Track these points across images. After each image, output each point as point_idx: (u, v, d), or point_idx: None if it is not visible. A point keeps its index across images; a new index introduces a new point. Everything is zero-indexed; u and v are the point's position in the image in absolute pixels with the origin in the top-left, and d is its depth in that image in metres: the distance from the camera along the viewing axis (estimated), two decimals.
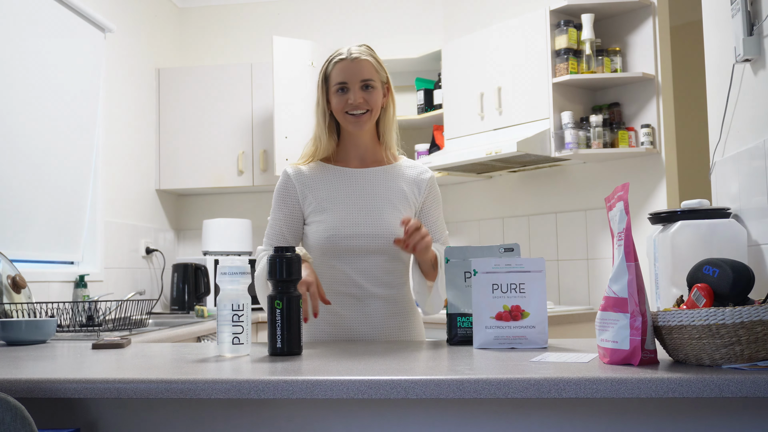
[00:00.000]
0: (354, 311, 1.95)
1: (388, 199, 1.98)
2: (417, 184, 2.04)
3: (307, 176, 2.02)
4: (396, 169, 2.05)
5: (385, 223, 1.95)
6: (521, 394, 1.18)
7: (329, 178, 2.01)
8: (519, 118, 3.66)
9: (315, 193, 1.99)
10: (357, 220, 1.95)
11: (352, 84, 1.94)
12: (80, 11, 3.54)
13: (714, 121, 2.11)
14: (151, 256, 4.35)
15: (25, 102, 3.13)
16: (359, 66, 1.95)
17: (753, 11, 1.81)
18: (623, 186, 1.37)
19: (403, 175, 2.04)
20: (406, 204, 2.00)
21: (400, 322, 2.00)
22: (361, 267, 1.95)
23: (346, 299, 1.95)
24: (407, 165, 2.08)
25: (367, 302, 1.96)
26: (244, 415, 1.42)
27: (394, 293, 1.99)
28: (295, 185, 2.01)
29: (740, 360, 1.22)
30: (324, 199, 1.98)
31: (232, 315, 1.56)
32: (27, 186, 3.14)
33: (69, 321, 2.71)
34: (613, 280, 1.33)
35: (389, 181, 2.02)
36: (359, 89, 1.94)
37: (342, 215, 1.95)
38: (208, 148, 4.43)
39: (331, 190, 1.99)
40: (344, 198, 1.98)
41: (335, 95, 1.96)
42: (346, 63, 1.95)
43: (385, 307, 1.97)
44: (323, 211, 1.97)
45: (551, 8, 3.54)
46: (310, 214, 2.00)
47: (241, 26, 4.82)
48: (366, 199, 1.98)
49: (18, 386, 1.27)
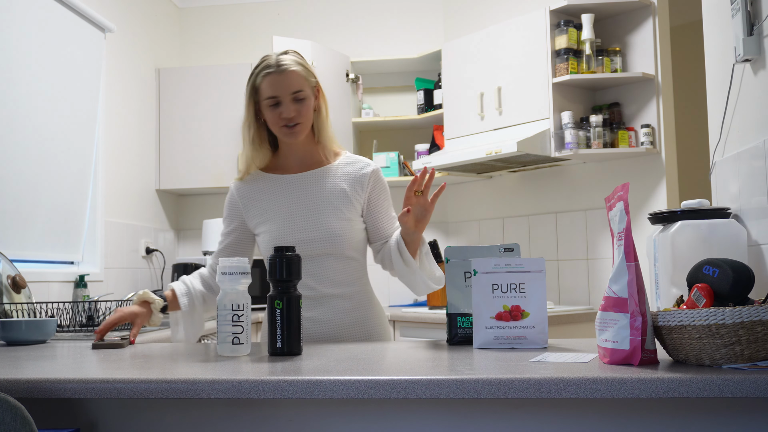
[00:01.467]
0: (313, 313, 1.96)
1: (327, 200, 1.98)
2: (358, 181, 2.02)
3: (248, 189, 2.06)
4: (336, 168, 2.03)
5: (325, 226, 1.96)
6: (521, 394, 1.18)
7: (269, 188, 2.03)
8: (519, 118, 3.66)
9: (257, 204, 2.03)
10: (298, 225, 1.97)
11: (283, 97, 1.93)
12: (80, 11, 3.54)
13: (714, 121, 2.11)
14: (151, 256, 4.35)
15: (25, 102, 3.13)
16: (288, 78, 1.92)
17: (753, 11, 1.81)
18: (623, 186, 1.37)
19: (343, 173, 2.02)
20: (347, 203, 1.99)
21: (360, 316, 2.00)
22: (311, 270, 1.94)
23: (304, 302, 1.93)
24: (348, 161, 2.06)
25: (323, 303, 1.97)
26: (244, 415, 1.42)
27: (348, 290, 2.00)
28: (238, 201, 2.06)
29: (740, 360, 1.22)
30: (266, 210, 2.01)
31: (232, 315, 1.56)
32: (27, 186, 3.14)
33: (69, 321, 2.71)
34: (613, 280, 1.33)
35: (328, 181, 2.01)
36: (291, 102, 1.93)
37: (283, 223, 1.98)
38: (208, 148, 4.43)
39: (271, 199, 2.02)
40: (285, 205, 2.00)
41: (267, 109, 1.96)
42: (275, 76, 1.92)
43: (342, 305, 1.98)
44: (266, 221, 2.00)
45: (551, 8, 3.54)
46: (255, 226, 2.04)
47: (241, 26, 4.82)
48: (306, 204, 1.99)
49: (18, 386, 1.27)
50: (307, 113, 1.97)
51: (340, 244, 1.96)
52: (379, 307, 2.10)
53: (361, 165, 2.04)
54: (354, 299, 2.01)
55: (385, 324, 2.10)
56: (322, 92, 2.03)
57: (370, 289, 2.09)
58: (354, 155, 2.09)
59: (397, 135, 4.62)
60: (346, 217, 1.97)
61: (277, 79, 1.92)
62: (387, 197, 2.06)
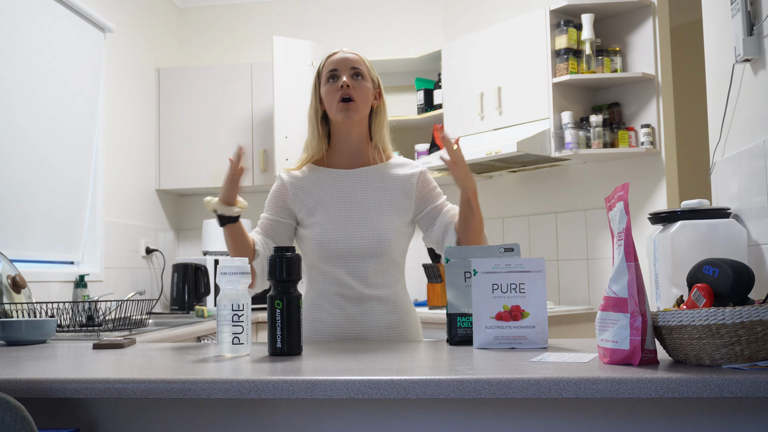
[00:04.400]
0: (349, 313, 1.97)
1: (377, 201, 2.00)
2: (408, 184, 2.04)
3: (300, 180, 2.05)
4: (386, 169, 2.05)
5: (373, 226, 1.97)
6: (521, 394, 1.18)
7: (320, 181, 2.04)
8: (519, 118, 3.66)
9: (307, 196, 2.03)
10: (345, 222, 1.97)
11: (342, 71, 2.00)
12: (80, 11, 3.54)
13: (714, 121, 2.11)
14: (151, 256, 4.35)
15: (25, 102, 3.13)
16: (350, 57, 2.03)
17: (753, 11, 1.81)
18: (623, 186, 1.37)
19: (393, 176, 2.04)
20: (396, 208, 2.01)
21: (396, 321, 2.01)
22: (352, 269, 1.96)
23: (341, 301, 1.97)
24: (398, 164, 2.08)
25: (361, 303, 1.97)
26: (244, 415, 1.42)
27: (387, 293, 2.00)
28: (288, 189, 2.05)
29: (740, 360, 1.22)
30: (315, 202, 2.01)
31: (232, 315, 1.56)
32: (27, 186, 3.14)
33: (69, 321, 2.71)
34: (613, 280, 1.33)
35: (378, 182, 2.02)
36: (349, 76, 1.99)
37: (331, 219, 1.98)
38: (208, 148, 4.43)
39: (320, 193, 2.02)
40: (333, 201, 2.00)
41: (326, 86, 2.01)
42: (338, 55, 2.04)
43: (379, 307, 1.98)
44: (315, 214, 2.00)
45: (551, 8, 3.54)
46: (303, 217, 2.03)
47: (241, 26, 4.82)
48: (357, 202, 2.00)
49: (18, 386, 1.27)
50: (363, 94, 2.00)
51: (386, 248, 1.97)
52: (414, 312, 2.10)
53: (411, 168, 2.08)
54: (391, 303, 2.01)
55: (419, 329, 2.10)
56: (383, 97, 2.09)
57: (407, 293, 2.09)
58: (403, 158, 2.12)
59: (397, 135, 4.56)
60: (396, 221, 2.00)
61: (339, 57, 2.03)
62: (437, 192, 2.08)
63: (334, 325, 1.97)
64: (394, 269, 2.03)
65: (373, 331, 1.97)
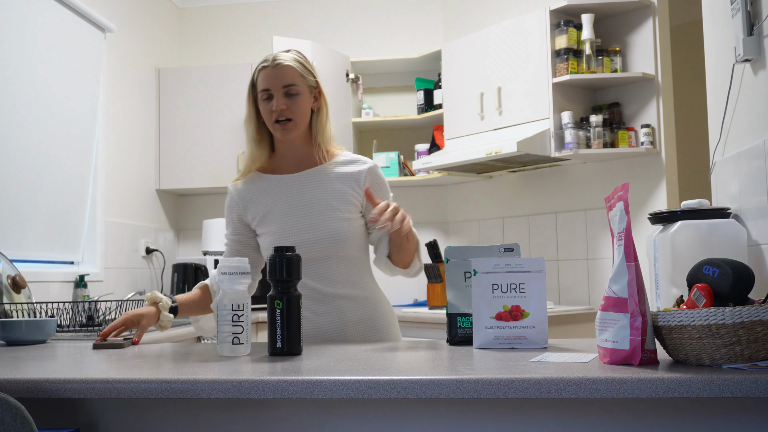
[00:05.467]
0: (320, 312, 1.96)
1: (326, 201, 1.97)
2: (355, 179, 2.00)
3: (246, 191, 2.05)
4: (332, 168, 2.01)
5: (326, 227, 1.95)
6: (521, 394, 1.18)
7: (266, 189, 2.02)
8: (519, 118, 3.66)
9: (255, 206, 2.02)
10: (298, 227, 1.96)
11: (274, 90, 1.94)
12: (80, 11, 3.54)
13: (714, 121, 2.11)
14: (151, 256, 4.35)
15: (25, 102, 3.13)
16: (282, 72, 1.94)
17: (753, 11, 1.81)
18: (623, 186, 1.37)
19: (339, 173, 2.00)
20: (345, 202, 1.97)
21: (368, 314, 1.99)
22: (314, 272, 1.94)
23: (310, 303, 1.94)
24: (345, 161, 2.03)
25: (330, 304, 1.96)
26: (244, 415, 1.42)
27: (355, 290, 1.99)
28: (237, 203, 2.06)
29: (740, 360, 1.22)
30: (265, 211, 2.00)
31: (232, 315, 1.56)
32: (27, 186, 3.14)
33: (69, 321, 2.71)
34: (613, 280, 1.33)
35: (326, 181, 1.99)
36: (282, 96, 1.94)
37: (283, 224, 1.97)
38: (208, 148, 4.43)
39: (269, 200, 2.01)
40: (282, 206, 1.99)
41: (261, 104, 1.97)
42: (269, 70, 1.95)
43: (348, 303, 1.98)
44: (266, 223, 2.00)
45: (551, 8, 3.54)
46: (256, 227, 2.04)
47: (241, 26, 4.82)
48: (304, 205, 1.98)
49: (18, 386, 1.27)
50: (300, 110, 1.96)
51: (341, 245, 1.95)
52: (386, 303, 2.07)
53: (358, 164, 2.03)
54: (359, 298, 1.99)
55: (393, 320, 2.08)
56: (323, 94, 2.02)
57: (376, 286, 2.07)
58: (352, 154, 2.07)
59: (397, 135, 4.62)
60: (346, 217, 1.96)
61: (270, 73, 1.94)
62: (387, 192, 2.03)
63: (310, 329, 1.92)
64: (356, 264, 2.00)
65: (347, 327, 1.96)
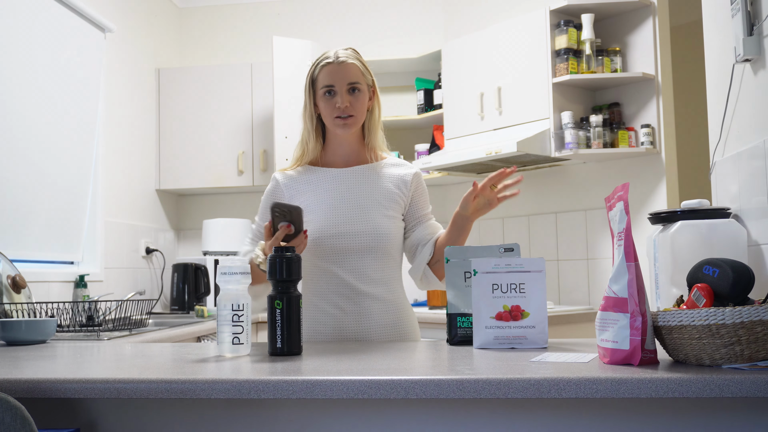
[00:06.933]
0: (348, 311, 1.96)
1: (372, 197, 2.00)
2: (403, 182, 2.05)
3: (294, 180, 2.06)
4: (381, 167, 2.06)
5: (369, 221, 1.97)
6: (521, 394, 1.18)
7: (315, 181, 2.04)
8: (519, 118, 3.66)
9: (302, 196, 2.03)
10: (341, 219, 1.97)
11: (339, 87, 1.97)
12: (80, 11, 3.54)
13: (714, 121, 2.11)
14: (151, 256, 4.35)
15: (25, 102, 3.13)
16: (346, 69, 1.98)
17: (753, 11, 1.81)
18: (623, 186, 1.37)
19: (388, 174, 2.06)
20: (391, 202, 2.02)
21: (395, 320, 2.00)
22: (350, 266, 1.96)
23: (339, 299, 1.96)
24: (392, 163, 2.10)
25: (359, 301, 1.97)
26: (244, 415, 1.42)
27: (385, 291, 2.00)
28: (284, 191, 2.05)
29: (740, 360, 1.22)
30: (310, 202, 2.01)
31: (232, 315, 1.56)
32: (27, 186, 3.14)
33: (69, 321, 2.71)
34: (613, 280, 1.33)
35: (374, 179, 2.04)
36: (346, 93, 1.97)
37: (326, 216, 1.98)
38: (208, 148, 4.43)
39: (316, 192, 2.02)
40: (329, 199, 2.00)
41: (323, 99, 1.99)
42: (333, 66, 1.98)
43: (378, 305, 1.98)
44: (309, 213, 1.99)
45: (551, 8, 3.54)
46: None
47: (241, 26, 4.82)
48: (352, 198, 2.00)
49: (18, 386, 1.27)
50: (361, 107, 2.00)
51: (383, 240, 1.98)
52: (411, 311, 2.09)
53: (405, 167, 2.10)
54: (389, 302, 2.00)
55: (417, 328, 2.09)
56: (377, 94, 2.07)
57: (404, 292, 2.09)
58: (398, 158, 2.13)
59: (397, 135, 4.60)
60: (391, 215, 2.00)
61: (334, 69, 1.97)
62: (427, 199, 2.11)
63: (333, 326, 1.96)
64: (391, 264, 2.03)
65: (372, 330, 1.97)
